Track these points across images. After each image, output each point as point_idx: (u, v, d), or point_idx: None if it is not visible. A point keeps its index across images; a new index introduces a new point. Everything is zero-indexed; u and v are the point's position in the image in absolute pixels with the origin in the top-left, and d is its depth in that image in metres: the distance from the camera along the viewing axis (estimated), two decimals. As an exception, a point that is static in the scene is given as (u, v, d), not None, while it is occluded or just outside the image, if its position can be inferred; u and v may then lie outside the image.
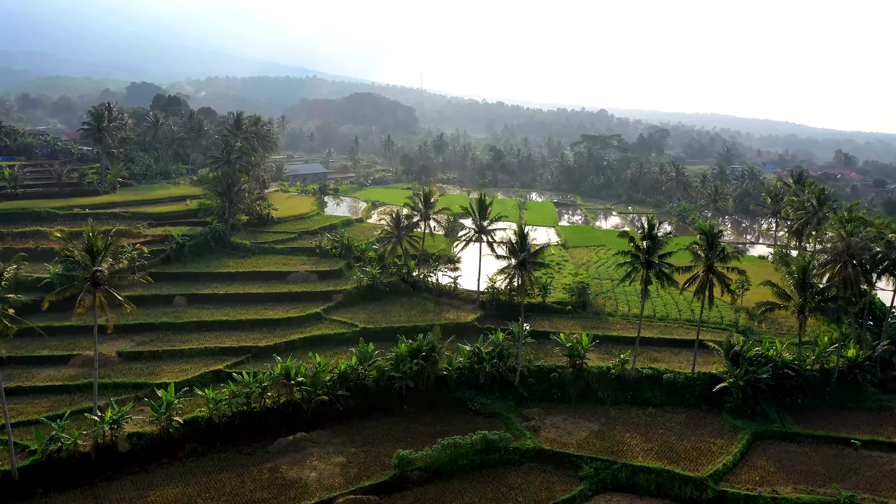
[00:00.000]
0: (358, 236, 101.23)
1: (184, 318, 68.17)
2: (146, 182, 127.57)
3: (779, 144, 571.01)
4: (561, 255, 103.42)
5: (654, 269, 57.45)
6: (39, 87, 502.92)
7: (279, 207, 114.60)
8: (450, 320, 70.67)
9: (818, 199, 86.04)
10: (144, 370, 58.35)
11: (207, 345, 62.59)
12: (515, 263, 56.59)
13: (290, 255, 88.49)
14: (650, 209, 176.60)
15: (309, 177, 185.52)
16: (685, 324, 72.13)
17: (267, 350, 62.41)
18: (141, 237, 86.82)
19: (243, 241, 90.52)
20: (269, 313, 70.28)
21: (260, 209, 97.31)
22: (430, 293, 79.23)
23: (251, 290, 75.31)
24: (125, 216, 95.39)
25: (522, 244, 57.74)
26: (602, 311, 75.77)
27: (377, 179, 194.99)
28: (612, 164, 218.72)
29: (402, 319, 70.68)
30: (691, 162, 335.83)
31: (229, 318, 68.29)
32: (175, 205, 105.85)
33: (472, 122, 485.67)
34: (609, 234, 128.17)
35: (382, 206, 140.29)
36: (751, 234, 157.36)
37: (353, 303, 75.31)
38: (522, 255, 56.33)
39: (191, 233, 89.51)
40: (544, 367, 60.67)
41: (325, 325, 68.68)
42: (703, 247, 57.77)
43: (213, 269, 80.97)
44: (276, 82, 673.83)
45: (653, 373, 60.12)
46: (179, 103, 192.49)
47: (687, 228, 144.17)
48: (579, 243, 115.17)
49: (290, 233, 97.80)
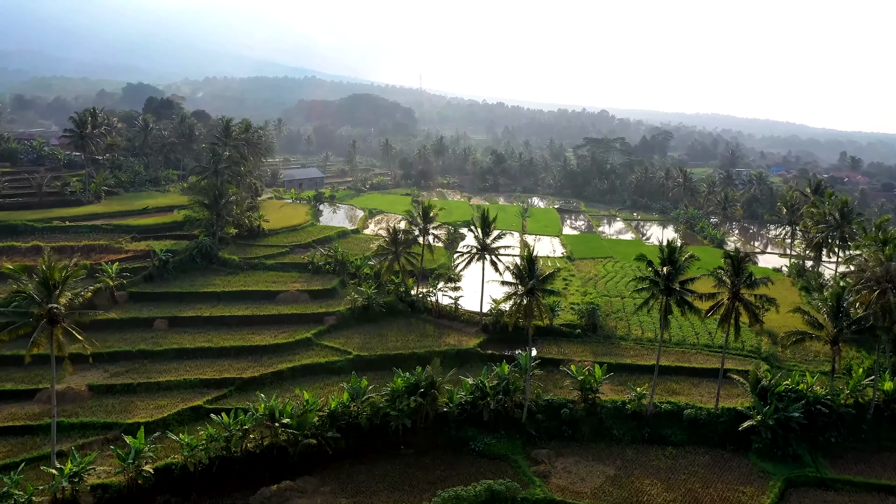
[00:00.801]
0: (353, 249, 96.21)
1: (163, 344, 63.08)
2: (134, 190, 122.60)
3: (781, 145, 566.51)
4: (567, 268, 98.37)
5: (675, 297, 52.31)
6: (35, 88, 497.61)
7: (272, 217, 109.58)
8: (450, 346, 65.63)
9: (841, 212, 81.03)
10: (116, 407, 53.25)
11: (187, 376, 57.49)
12: (523, 291, 51.50)
13: (280, 272, 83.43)
14: (656, 215, 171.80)
15: (305, 182, 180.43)
16: (703, 349, 67.07)
17: (252, 382, 57.41)
18: (122, 252, 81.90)
19: (231, 256, 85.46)
20: (255, 339, 65.23)
21: (250, 221, 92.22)
22: (429, 314, 74.16)
23: (237, 313, 70.21)
24: (107, 229, 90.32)
25: (531, 270, 52.66)
26: (613, 334, 70.69)
27: (375, 184, 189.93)
28: (616, 167, 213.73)
29: (398, 345, 65.63)
30: (695, 164, 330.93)
31: (212, 344, 63.22)
32: (162, 216, 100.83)
33: (472, 124, 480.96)
34: (616, 244, 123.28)
35: (380, 214, 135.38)
36: (759, 240, 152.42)
37: (347, 325, 70.26)
38: (531, 283, 51.25)
39: (176, 247, 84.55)
40: (554, 401, 55.62)
41: (315, 352, 63.61)
42: (729, 272, 52.67)
43: (197, 289, 75.89)
44: (274, 82, 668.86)
45: (672, 408, 55.07)
46: (172, 106, 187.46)
47: (695, 237, 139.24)
48: (585, 255, 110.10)
49: (281, 246, 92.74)
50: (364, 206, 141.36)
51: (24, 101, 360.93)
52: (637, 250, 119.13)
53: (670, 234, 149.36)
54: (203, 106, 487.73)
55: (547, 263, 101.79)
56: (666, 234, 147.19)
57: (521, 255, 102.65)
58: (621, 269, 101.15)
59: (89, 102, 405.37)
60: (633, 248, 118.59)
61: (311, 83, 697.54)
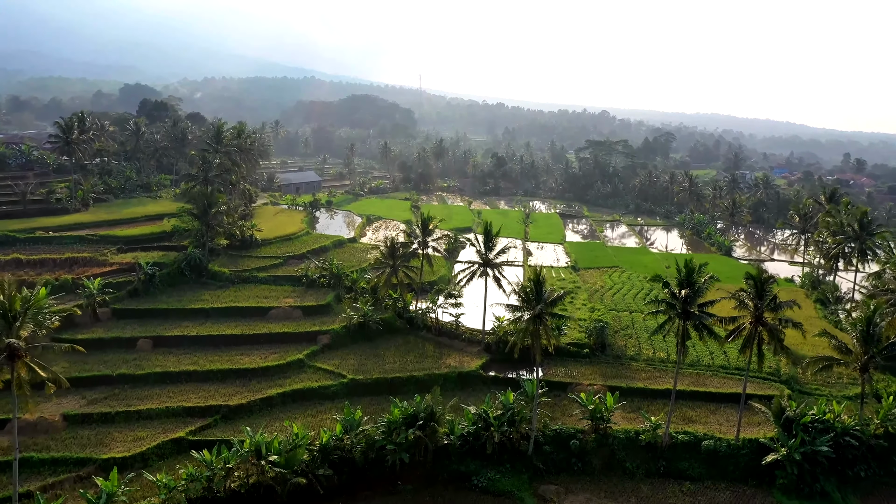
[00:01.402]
0: (350, 260, 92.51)
1: (146, 367, 59.28)
2: (124, 196, 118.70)
3: (782, 146, 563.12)
4: (571, 279, 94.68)
5: (693, 321, 48.48)
6: (32, 89, 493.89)
7: (266, 225, 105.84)
8: (451, 368, 61.85)
9: (860, 223, 77.26)
10: (92, 439, 49.47)
11: (170, 404, 53.70)
12: (530, 316, 47.70)
13: (273, 286, 79.57)
14: (660, 220, 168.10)
15: (302, 186, 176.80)
16: (720, 371, 63.23)
17: (239, 410, 53.67)
18: (107, 265, 78.04)
19: (222, 268, 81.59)
20: (244, 360, 61.44)
21: (241, 232, 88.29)
22: (428, 332, 70.36)
23: (226, 331, 66.39)
24: (92, 240, 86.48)
25: (538, 293, 48.80)
26: (623, 353, 66.86)
27: (374, 188, 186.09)
28: (619, 171, 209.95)
29: (396, 367, 61.85)
30: (697, 166, 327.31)
31: (198, 367, 59.42)
32: (151, 224, 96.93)
33: (472, 125, 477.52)
34: (621, 251, 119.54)
35: (378, 220, 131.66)
36: (765, 245, 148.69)
37: (342, 344, 66.48)
38: (539, 308, 47.45)
39: (164, 259, 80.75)
40: (562, 431, 51.85)
41: (308, 375, 59.81)
42: (751, 294, 48.86)
43: (185, 305, 72.04)
44: (273, 83, 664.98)
45: (689, 439, 51.28)
46: (167, 108, 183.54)
47: (701, 244, 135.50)
48: (590, 264, 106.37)
49: (274, 258, 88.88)
50: (362, 212, 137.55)
51: (20, 102, 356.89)
52: (643, 259, 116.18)
53: (675, 239, 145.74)
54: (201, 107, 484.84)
55: (551, 275, 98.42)
56: (670, 240, 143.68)
57: (523, 265, 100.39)
58: (628, 279, 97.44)
59: (86, 103, 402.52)
60: (639, 257, 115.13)
61: (311, 83, 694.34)
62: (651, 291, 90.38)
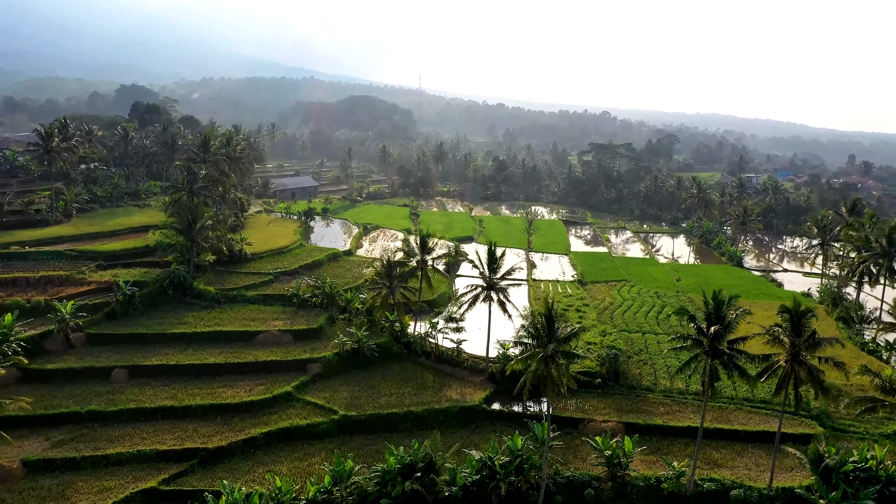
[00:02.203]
0: (345, 275, 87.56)
1: (119, 402, 54.24)
2: (111, 205, 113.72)
3: (784, 146, 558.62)
4: (578, 295, 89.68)
5: (722, 360, 43.42)
6: (28, 89, 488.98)
7: (257, 237, 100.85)
8: (452, 401, 56.83)
9: (889, 238, 72.23)
10: (53, 490, 44.42)
11: (142, 446, 48.66)
12: (541, 356, 42.65)
13: (262, 306, 74.49)
14: (666, 227, 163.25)
15: (298, 191, 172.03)
16: (744, 404, 58.22)
17: (219, 454, 48.65)
18: (84, 285, 73.07)
19: (207, 287, 76.51)
20: (227, 394, 56.43)
21: (228, 248, 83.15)
22: (428, 358, 65.35)
23: (209, 360, 61.34)
24: (71, 255, 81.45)
25: (550, 329, 43.72)
26: (638, 383, 61.83)
27: (372, 193, 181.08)
28: (623, 175, 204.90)
29: (392, 400, 56.83)
30: (700, 168, 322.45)
31: (176, 402, 54.37)
32: (135, 237, 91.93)
33: (472, 125, 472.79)
34: (629, 263, 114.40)
35: (376, 229, 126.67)
36: (774, 252, 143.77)
37: (334, 373, 61.47)
38: (551, 347, 42.37)
39: (147, 277, 75.76)
40: (575, 478, 46.83)
41: (296, 411, 54.76)
42: (787, 330, 43.81)
43: (166, 328, 67.00)
44: (271, 83, 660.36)
45: (717, 488, 46.23)
46: (159, 112, 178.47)
47: (711, 253, 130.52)
48: (598, 277, 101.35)
49: (264, 274, 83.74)
50: (359, 221, 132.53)
51: (14, 104, 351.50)
52: (652, 271, 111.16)
53: (682, 246, 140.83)
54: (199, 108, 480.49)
55: (557, 290, 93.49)
56: (678, 248, 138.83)
57: (528, 280, 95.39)
58: (637, 294, 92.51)
59: (81, 105, 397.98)
60: (648, 269, 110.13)
61: (310, 84, 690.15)
62: (664, 309, 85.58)
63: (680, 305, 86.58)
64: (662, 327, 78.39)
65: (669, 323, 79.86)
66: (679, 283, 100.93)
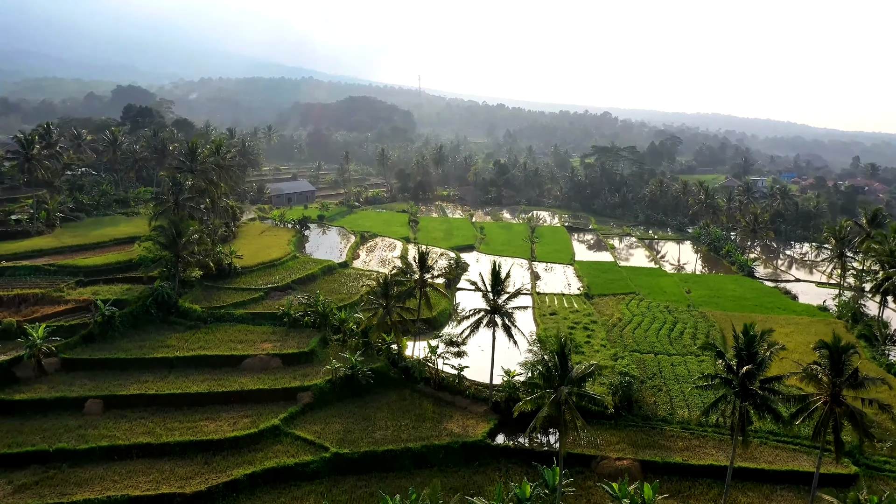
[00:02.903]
0: (340, 290, 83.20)
1: (91, 438, 49.81)
2: (98, 213, 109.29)
3: (786, 147, 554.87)
4: (585, 311, 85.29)
5: (754, 401, 39.06)
6: (25, 90, 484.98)
7: (249, 248, 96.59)
8: (453, 436, 52.41)
9: (917, 254, 67.88)
10: (11, 546, 40.15)
11: (113, 491, 44.19)
12: (553, 399, 38.28)
13: (250, 325, 70.07)
14: (671, 233, 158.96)
15: (294, 196, 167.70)
16: (768, 438, 53.76)
17: (197, 499, 44.22)
18: (61, 304, 68.69)
19: (193, 305, 72.03)
20: (209, 427, 52.01)
21: (215, 263, 78.62)
22: (427, 384, 60.94)
23: (191, 388, 56.93)
24: (49, 270, 76.98)
25: (563, 369, 39.32)
26: (653, 412, 57.43)
27: (370, 198, 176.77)
28: (626, 178, 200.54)
29: (388, 435, 52.41)
30: (703, 170, 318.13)
31: (153, 439, 49.92)
32: (119, 250, 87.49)
33: (472, 126, 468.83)
34: (636, 273, 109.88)
35: (374, 238, 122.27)
36: (781, 258, 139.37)
37: (326, 403, 57.08)
38: (565, 392, 37.96)
39: (128, 295, 71.34)
40: (590, 531, 42.51)
41: (283, 448, 50.31)
42: (825, 368, 39.44)
43: (147, 352, 62.55)
44: (270, 83, 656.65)
45: (746, 540, 41.91)
46: (152, 114, 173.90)
47: (720, 262, 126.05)
48: (604, 290, 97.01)
49: (254, 290, 79.28)
50: (356, 228, 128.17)
51: (9, 105, 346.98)
52: (660, 282, 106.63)
53: (688, 253, 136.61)
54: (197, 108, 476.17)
55: (563, 304, 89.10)
56: (684, 255, 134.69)
57: (531, 294, 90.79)
58: (647, 308, 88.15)
59: (77, 105, 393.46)
60: (656, 280, 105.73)
61: (309, 84, 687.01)
62: (675, 325, 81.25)
63: (693, 322, 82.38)
64: (675, 346, 74.10)
65: (683, 342, 75.64)
66: (690, 296, 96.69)
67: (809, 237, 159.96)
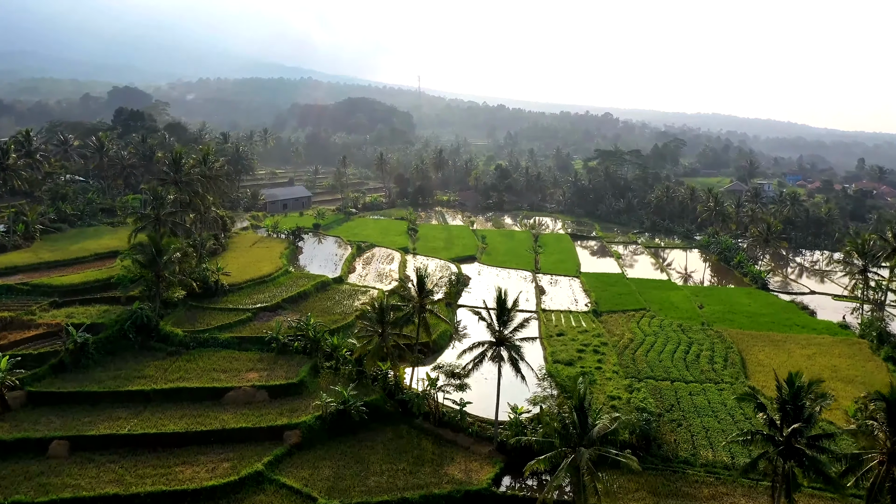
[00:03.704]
0: (334, 310, 78.21)
1: (52, 489, 44.74)
2: (82, 224, 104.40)
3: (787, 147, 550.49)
4: (595, 330, 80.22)
5: (800, 461, 34.11)
6: (20, 91, 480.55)
7: (239, 261, 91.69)
8: (455, 482, 47.41)
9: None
10: None
11: (72, 555, 39.34)
12: (571, 461, 33.37)
13: (236, 351, 65.03)
14: (678, 240, 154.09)
15: (290, 202, 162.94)
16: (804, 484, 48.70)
17: (167, 564, 39.33)
18: (31, 328, 63.69)
19: (175, 329, 66.92)
20: (185, 474, 46.97)
21: (200, 283, 73.53)
22: (426, 419, 55.96)
23: (167, 428, 51.84)
24: (23, 290, 71.98)
25: (583, 426, 34.39)
26: (674, 453, 52.38)
27: (368, 204, 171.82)
28: (631, 182, 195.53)
29: (383, 481, 47.40)
30: (707, 173, 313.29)
31: (122, 488, 44.87)
32: (100, 266, 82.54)
33: (472, 127, 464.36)
34: (645, 286, 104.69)
35: (371, 248, 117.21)
36: (792, 266, 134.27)
37: (316, 443, 52.08)
38: (586, 456, 33.02)
39: (105, 318, 66.36)
40: None
41: (267, 498, 45.19)
42: (882, 424, 34.50)
43: (121, 385, 57.44)
44: (269, 83, 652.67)
45: None
46: (143, 118, 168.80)
47: (731, 272, 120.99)
48: (613, 306, 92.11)
49: (242, 310, 74.15)
50: (353, 238, 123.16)
51: (3, 106, 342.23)
52: (671, 297, 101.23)
53: (696, 261, 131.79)
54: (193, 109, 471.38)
55: (570, 323, 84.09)
56: (692, 264, 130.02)
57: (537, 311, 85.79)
58: (660, 327, 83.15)
59: (73, 106, 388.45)
60: (666, 294, 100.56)
61: (308, 85, 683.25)
62: (691, 347, 76.27)
63: (709, 343, 77.30)
64: (693, 372, 69.12)
65: (700, 366, 70.65)
66: (702, 312, 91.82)
67: (821, 245, 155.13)
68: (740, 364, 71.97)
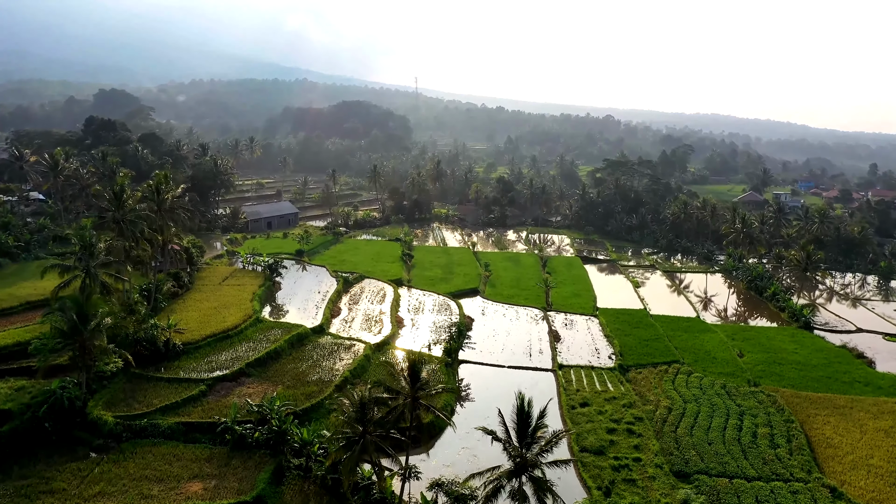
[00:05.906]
0: (309, 374, 64.53)
1: None
2: (27, 257, 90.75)
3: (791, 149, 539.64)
4: (625, 398, 66.51)
5: None
6: (6, 93, 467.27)
7: (200, 309, 78.03)
8: None
9: None
10: None
11: None
12: None
13: (180, 445, 51.12)
14: (696, 263, 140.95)
15: (274, 220, 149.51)
16: None
17: None
18: (-83, 419, 49.81)
19: (105, 414, 53.08)
20: None
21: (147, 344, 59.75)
22: (421, 555, 42.48)
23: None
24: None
25: None
26: None
27: (360, 220, 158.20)
28: (642, 195, 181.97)
29: None
30: (716, 180, 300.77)
31: None
32: (31, 318, 68.52)
33: (470, 130, 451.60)
34: (672, 327, 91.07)
35: (360, 281, 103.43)
36: (821, 289, 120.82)
37: None
38: None
39: (18, 398, 52.60)
40: None
41: None
42: None
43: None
44: (263, 85, 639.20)
45: None
46: (115, 128, 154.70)
47: (764, 305, 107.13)
48: (641, 357, 78.70)
49: (195, 382, 60.01)
50: (340, 267, 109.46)
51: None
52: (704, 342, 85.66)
53: (718, 286, 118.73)
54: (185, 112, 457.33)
55: (594, 384, 70.34)
56: (712, 286, 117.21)
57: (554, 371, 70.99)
58: (700, 390, 69.60)
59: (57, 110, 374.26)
60: (699, 339, 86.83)
61: (303, 86, 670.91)
62: (742, 420, 62.73)
63: (764, 414, 63.75)
64: (753, 460, 55.55)
65: (760, 452, 57.04)
66: (743, 362, 78.62)
67: (852, 265, 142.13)
68: (807, 445, 58.57)
